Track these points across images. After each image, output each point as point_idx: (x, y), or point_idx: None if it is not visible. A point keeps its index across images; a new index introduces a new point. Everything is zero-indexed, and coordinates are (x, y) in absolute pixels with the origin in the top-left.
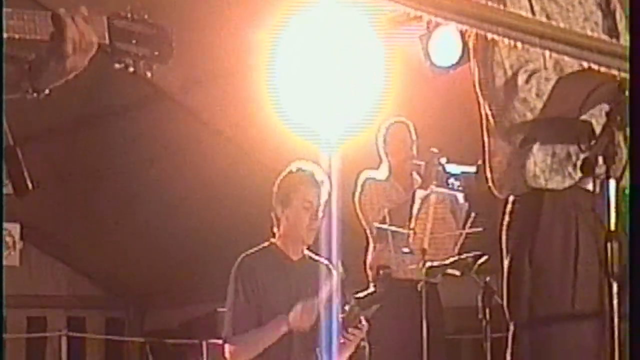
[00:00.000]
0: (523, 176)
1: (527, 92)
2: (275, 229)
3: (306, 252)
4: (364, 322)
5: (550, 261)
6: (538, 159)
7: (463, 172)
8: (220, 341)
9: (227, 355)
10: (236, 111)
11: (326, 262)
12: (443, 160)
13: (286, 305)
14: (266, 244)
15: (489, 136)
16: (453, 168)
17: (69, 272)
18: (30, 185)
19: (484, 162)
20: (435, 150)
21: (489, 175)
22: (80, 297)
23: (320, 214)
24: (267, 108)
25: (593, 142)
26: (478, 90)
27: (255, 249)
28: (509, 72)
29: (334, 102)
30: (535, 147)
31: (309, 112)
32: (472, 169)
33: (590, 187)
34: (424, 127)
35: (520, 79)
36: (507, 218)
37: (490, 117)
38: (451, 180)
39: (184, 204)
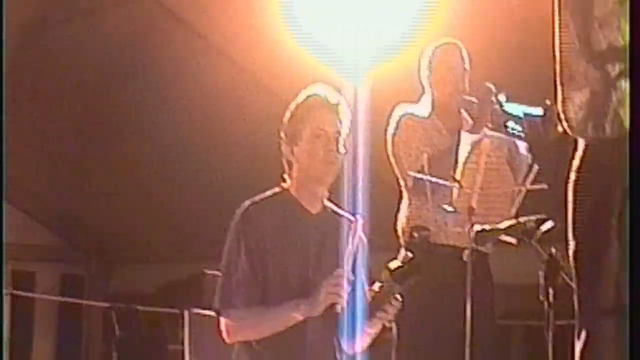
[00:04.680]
0: (616, 112)
1: None
2: (286, 176)
3: (327, 203)
4: (398, 297)
5: None
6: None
7: (526, 114)
8: (205, 312)
9: (222, 328)
10: (232, 24)
11: (354, 217)
12: (501, 97)
13: (302, 274)
14: (277, 189)
15: (570, 60)
16: (514, 108)
17: (14, 213)
18: None
19: (561, 94)
20: (491, 85)
21: (564, 113)
22: (28, 247)
23: (340, 147)
24: (274, 22)
25: None
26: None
27: (264, 195)
28: None
29: (363, 16)
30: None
31: (330, 28)
32: (538, 110)
33: None
34: (479, 54)
35: None
36: (574, 175)
37: (579, 35)
38: (510, 124)
39: (168, 134)
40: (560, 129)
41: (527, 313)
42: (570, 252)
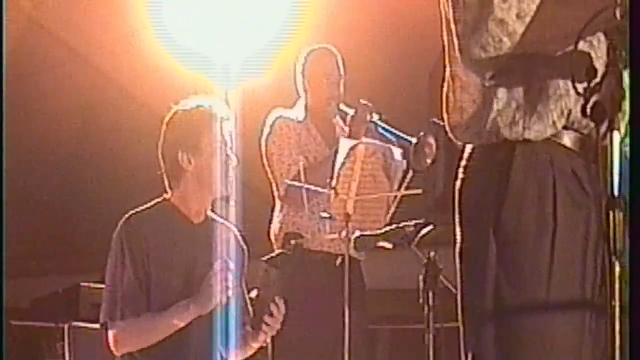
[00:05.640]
0: (495, 121)
1: (505, 11)
2: (169, 183)
3: (210, 213)
4: (280, 304)
5: (521, 236)
6: (518, 98)
7: (399, 138)
8: (85, 324)
9: (110, 341)
10: (97, 32)
11: (234, 227)
12: (375, 117)
13: (185, 284)
14: (158, 199)
15: (452, 65)
16: (386, 131)
17: None
18: None
19: (445, 96)
20: (367, 102)
21: (445, 116)
22: None
23: (234, 159)
24: (143, 28)
25: (595, 81)
26: (442, 3)
27: (145, 206)
28: None
29: (234, 21)
30: (513, 82)
31: (199, 34)
32: (411, 139)
33: (567, 142)
34: (352, 57)
35: None
36: (461, 175)
37: (455, 40)
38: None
39: (36, 143)
40: (429, 161)
41: (404, 317)
42: (457, 254)
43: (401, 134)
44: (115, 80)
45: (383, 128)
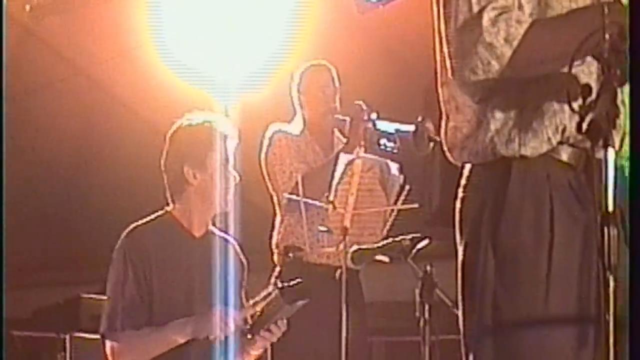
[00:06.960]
0: (492, 140)
1: (493, 35)
2: (172, 196)
3: (211, 227)
4: (282, 325)
5: (520, 250)
6: (514, 116)
7: (398, 131)
8: (86, 335)
9: (108, 352)
10: (100, 49)
11: (234, 241)
12: (373, 115)
13: (186, 296)
14: (160, 212)
15: (447, 86)
16: (386, 126)
17: None
18: None
19: (440, 117)
20: (362, 104)
21: (443, 136)
22: None
23: (237, 176)
24: (145, 46)
25: (590, 99)
26: (436, 26)
27: (147, 219)
28: (475, 8)
29: (233, 40)
30: (508, 102)
31: (200, 52)
32: (410, 127)
33: (563, 156)
34: (348, 76)
35: (486, 17)
36: (461, 193)
37: (447, 62)
38: (383, 141)
39: (39, 158)
40: (431, 145)
41: (400, 330)
42: (458, 269)
43: (400, 126)
44: (116, 95)
45: (381, 126)
